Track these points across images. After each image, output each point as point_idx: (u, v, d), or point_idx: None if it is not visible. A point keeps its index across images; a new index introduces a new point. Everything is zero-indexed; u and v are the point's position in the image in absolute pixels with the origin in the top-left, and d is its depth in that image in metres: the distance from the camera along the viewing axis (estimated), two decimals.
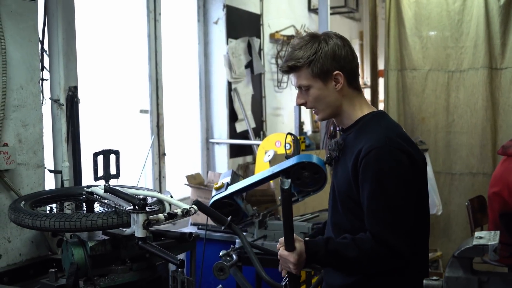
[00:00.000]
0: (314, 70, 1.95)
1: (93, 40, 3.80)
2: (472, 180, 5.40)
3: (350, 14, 8.01)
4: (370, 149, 1.86)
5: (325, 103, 1.98)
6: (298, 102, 2.02)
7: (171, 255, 2.09)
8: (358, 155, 1.89)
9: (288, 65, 1.98)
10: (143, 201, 2.11)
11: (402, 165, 1.87)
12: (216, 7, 5.00)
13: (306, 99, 2.00)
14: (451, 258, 1.79)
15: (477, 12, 5.26)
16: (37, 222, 2.21)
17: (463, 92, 5.39)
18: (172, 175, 4.59)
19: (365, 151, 1.86)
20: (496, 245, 1.72)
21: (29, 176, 2.79)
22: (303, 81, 1.97)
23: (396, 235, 1.84)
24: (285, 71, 2.01)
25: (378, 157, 1.85)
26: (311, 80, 1.96)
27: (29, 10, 2.78)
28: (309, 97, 1.99)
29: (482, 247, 1.73)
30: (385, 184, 1.84)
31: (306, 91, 1.98)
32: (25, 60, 2.77)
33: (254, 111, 5.38)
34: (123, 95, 4.12)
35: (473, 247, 1.74)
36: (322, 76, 1.96)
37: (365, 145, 1.88)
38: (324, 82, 1.96)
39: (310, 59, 1.95)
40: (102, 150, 2.39)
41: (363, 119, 2.00)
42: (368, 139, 1.90)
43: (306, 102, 2.01)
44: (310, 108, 2.05)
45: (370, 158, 1.85)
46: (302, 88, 1.99)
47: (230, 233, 3.69)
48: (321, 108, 2.00)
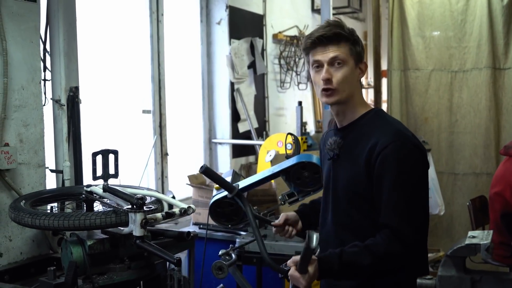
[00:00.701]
0: (355, 49, 1.92)
1: (96, 41, 3.83)
2: (476, 180, 5.38)
3: (354, 14, 8.01)
4: (388, 143, 1.85)
5: (349, 86, 1.92)
6: (326, 77, 1.89)
7: (168, 254, 2.11)
8: (372, 150, 1.87)
9: (334, 32, 1.88)
10: (141, 200, 2.14)
11: (418, 160, 1.91)
12: (218, 7, 5.02)
13: (332, 76, 1.90)
14: (444, 257, 1.80)
15: (480, 12, 5.25)
16: (37, 221, 2.24)
17: (466, 92, 5.38)
18: (174, 175, 4.61)
19: (382, 145, 1.85)
20: (489, 244, 1.73)
21: (30, 175, 2.82)
22: (341, 54, 1.89)
23: (412, 229, 1.86)
24: (325, 41, 1.88)
25: (398, 150, 1.85)
26: (348, 57, 1.90)
27: (30, 11, 2.82)
28: (338, 74, 1.90)
29: (474, 246, 1.73)
30: (406, 177, 1.86)
31: (338, 68, 1.90)
32: (26, 60, 2.80)
33: (257, 111, 5.39)
34: (126, 95, 4.15)
35: (465, 246, 1.75)
36: (357, 58, 1.93)
37: (380, 140, 1.87)
38: (355, 65, 1.93)
39: (355, 37, 1.93)
40: (101, 150, 2.41)
41: (366, 116, 1.98)
42: (381, 133, 1.89)
43: (331, 79, 1.90)
44: (332, 88, 1.91)
45: (389, 152, 1.84)
46: (337, 62, 1.89)
47: (231, 233, 3.71)
48: (342, 90, 1.91)
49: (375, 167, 1.86)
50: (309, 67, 2.00)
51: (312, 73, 1.97)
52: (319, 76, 1.92)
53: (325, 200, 2.10)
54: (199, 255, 3.50)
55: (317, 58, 1.92)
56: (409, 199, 1.86)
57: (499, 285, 1.75)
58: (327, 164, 2.07)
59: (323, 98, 1.95)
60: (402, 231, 1.85)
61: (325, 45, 1.89)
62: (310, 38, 1.92)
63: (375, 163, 1.86)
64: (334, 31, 1.89)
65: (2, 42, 2.65)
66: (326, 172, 2.08)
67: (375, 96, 5.93)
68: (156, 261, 2.43)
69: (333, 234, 2.03)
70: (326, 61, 1.90)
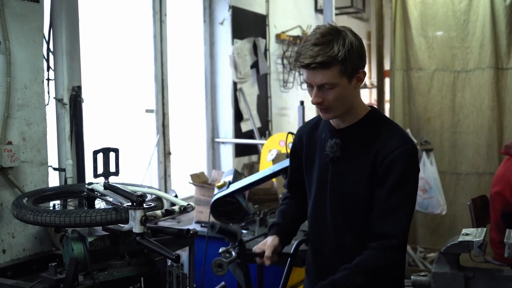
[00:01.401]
0: (346, 68, 1.83)
1: (99, 41, 3.87)
2: (478, 180, 5.39)
3: (358, 15, 8.03)
4: (397, 146, 1.86)
5: (342, 102, 1.88)
6: (316, 101, 1.85)
7: (167, 250, 2.14)
8: (380, 152, 1.87)
9: (318, 61, 1.79)
10: (140, 197, 2.16)
11: (418, 164, 1.96)
12: (221, 8, 5.05)
13: (324, 98, 1.86)
14: (438, 254, 1.83)
15: (483, 12, 5.25)
16: (38, 217, 2.27)
17: (469, 92, 5.39)
18: (177, 174, 4.65)
19: (391, 148, 1.86)
20: (481, 242, 1.76)
21: (33, 173, 2.86)
22: (330, 79, 1.82)
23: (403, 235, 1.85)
24: (312, 68, 1.81)
25: (406, 154, 1.86)
26: (338, 78, 1.83)
27: (33, 11, 2.85)
28: (328, 96, 1.85)
29: (467, 243, 1.76)
30: (407, 182, 1.86)
31: (328, 90, 1.84)
32: (29, 60, 2.84)
33: (260, 111, 5.42)
34: (129, 95, 4.19)
35: (458, 243, 1.78)
36: (351, 74, 1.86)
37: (389, 143, 1.88)
38: (349, 80, 1.86)
39: (345, 57, 1.81)
40: (102, 148, 2.44)
41: (366, 118, 1.96)
42: (387, 136, 1.90)
43: (323, 101, 1.86)
44: (324, 107, 1.89)
45: (398, 155, 1.85)
46: (326, 86, 1.84)
47: None
48: (335, 108, 1.88)
49: (380, 169, 1.86)
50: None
51: (307, 87, 1.94)
52: (311, 94, 1.89)
53: (318, 202, 2.04)
54: (200, 253, 3.54)
55: (307, 80, 1.88)
56: (406, 204, 1.87)
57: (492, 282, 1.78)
58: (321, 165, 2.02)
59: (320, 113, 1.94)
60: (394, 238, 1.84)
61: (314, 70, 1.82)
62: (298, 61, 1.85)
63: (381, 165, 1.86)
64: (320, 60, 1.79)
65: (5, 42, 2.69)
66: (319, 173, 2.02)
67: (378, 96, 5.94)
68: (156, 258, 2.46)
69: (332, 237, 2.00)
70: (316, 84, 1.85)
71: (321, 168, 2.01)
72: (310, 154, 2.08)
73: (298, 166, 2.16)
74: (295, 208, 2.24)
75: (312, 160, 2.07)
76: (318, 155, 2.04)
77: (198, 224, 3.99)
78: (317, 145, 2.05)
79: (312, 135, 2.09)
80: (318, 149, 2.05)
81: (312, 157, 2.07)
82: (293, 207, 2.24)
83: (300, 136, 2.16)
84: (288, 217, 2.20)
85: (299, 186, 2.21)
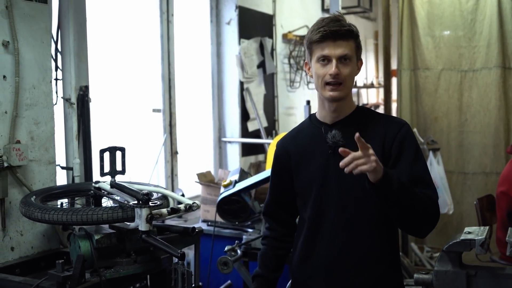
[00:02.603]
0: (359, 46, 1.98)
1: (107, 41, 3.89)
2: (485, 179, 5.37)
3: (365, 14, 8.02)
4: (400, 127, 1.99)
5: (352, 82, 2.00)
6: (335, 72, 1.90)
7: (172, 248, 2.17)
8: (386, 135, 1.97)
9: (346, 29, 1.92)
10: (146, 196, 2.19)
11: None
12: (228, 8, 5.07)
13: (341, 71, 1.93)
14: (441, 253, 1.84)
15: (490, 12, 5.24)
16: (46, 215, 2.31)
17: (476, 92, 5.37)
18: (184, 173, 4.67)
19: (396, 129, 1.97)
20: (483, 240, 1.77)
21: (41, 172, 2.90)
22: (350, 51, 1.93)
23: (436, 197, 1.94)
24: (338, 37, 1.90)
25: (410, 131, 2.00)
26: (354, 53, 1.95)
27: (41, 12, 2.89)
28: (346, 70, 1.93)
29: (469, 241, 1.77)
30: (420, 153, 1.99)
31: (345, 63, 1.93)
32: (38, 60, 2.88)
33: (266, 110, 5.44)
34: (136, 94, 4.21)
35: (460, 241, 1.79)
36: (359, 55, 2.00)
37: (390, 126, 1.99)
38: (357, 60, 1.99)
39: (358, 35, 1.99)
40: (108, 147, 2.47)
41: (358, 111, 2.06)
42: (386, 121, 2.03)
43: (340, 74, 1.93)
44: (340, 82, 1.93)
45: (404, 133, 1.97)
46: (345, 58, 1.92)
47: (238, 230, 3.76)
48: (347, 84, 1.97)
49: (392, 149, 1.95)
50: (311, 58, 1.99)
51: (317, 66, 1.96)
52: (325, 70, 1.93)
53: (318, 198, 2.02)
54: (206, 251, 3.57)
55: (325, 53, 1.92)
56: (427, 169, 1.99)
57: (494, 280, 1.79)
58: (319, 162, 2.02)
59: (328, 92, 1.95)
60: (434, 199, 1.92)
61: (335, 40, 1.91)
62: (321, 32, 1.91)
63: (391, 145, 1.95)
64: (347, 28, 1.93)
65: (14, 43, 2.73)
66: (320, 169, 2.01)
67: (385, 95, 5.93)
68: (162, 255, 2.49)
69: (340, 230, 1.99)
70: (335, 57, 1.91)
71: (319, 165, 2.02)
72: (301, 159, 2.08)
73: (283, 182, 2.15)
74: (277, 249, 2.23)
75: (305, 163, 2.07)
76: (314, 155, 2.04)
77: (205, 223, 4.02)
78: (308, 147, 2.06)
79: (297, 143, 2.11)
80: (311, 150, 2.05)
81: (304, 161, 2.07)
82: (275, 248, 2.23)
83: (282, 147, 2.17)
84: (270, 265, 2.21)
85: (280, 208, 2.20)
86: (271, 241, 2.24)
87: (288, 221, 2.23)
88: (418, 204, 1.84)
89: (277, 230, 2.24)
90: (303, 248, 2.08)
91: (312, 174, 2.03)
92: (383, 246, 2.00)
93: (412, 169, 1.92)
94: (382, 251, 2.00)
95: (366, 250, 1.98)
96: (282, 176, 2.15)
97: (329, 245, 2.02)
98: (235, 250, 3.05)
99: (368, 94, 8.58)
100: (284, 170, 2.14)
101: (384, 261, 2.00)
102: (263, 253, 2.24)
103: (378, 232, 1.98)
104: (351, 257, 1.98)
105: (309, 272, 2.06)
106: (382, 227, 1.98)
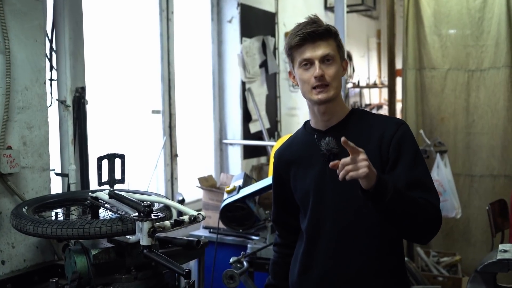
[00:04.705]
0: (340, 46, 1.93)
1: (104, 40, 3.74)
2: (493, 182, 5.26)
3: (368, 12, 7.88)
4: (396, 128, 1.89)
5: (338, 82, 1.92)
6: (319, 73, 1.85)
7: (177, 265, 2.00)
8: (382, 138, 1.88)
9: (323, 28, 1.87)
10: (148, 207, 2.02)
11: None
12: (230, 5, 4.91)
13: (325, 72, 1.87)
14: (474, 273, 1.68)
15: (498, 10, 5.12)
16: (39, 229, 2.13)
17: (484, 92, 5.26)
18: (184, 176, 4.52)
19: (392, 131, 1.88)
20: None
21: (34, 179, 2.72)
22: (331, 50, 1.88)
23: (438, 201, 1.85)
24: (315, 38, 1.86)
25: (408, 132, 1.91)
26: (336, 53, 1.91)
27: (34, 9, 2.71)
28: (330, 70, 1.88)
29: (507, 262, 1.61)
30: (419, 155, 1.90)
31: (328, 64, 1.88)
32: (30, 60, 2.70)
33: (269, 111, 5.28)
34: (135, 95, 4.06)
35: (497, 261, 1.63)
36: (342, 55, 1.95)
37: (387, 128, 1.90)
38: (341, 60, 1.94)
39: (337, 34, 1.94)
40: (107, 154, 2.30)
41: (353, 114, 1.99)
42: (382, 123, 1.93)
43: (325, 76, 1.87)
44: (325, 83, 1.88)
45: (402, 134, 1.88)
46: (328, 59, 1.88)
47: (242, 237, 3.61)
48: (334, 85, 1.89)
49: (389, 152, 1.86)
50: (293, 66, 1.94)
51: (299, 71, 1.91)
52: (309, 73, 1.88)
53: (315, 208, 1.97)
54: (209, 260, 3.40)
55: (306, 56, 1.87)
56: (428, 172, 1.90)
57: None
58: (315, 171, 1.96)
59: (316, 96, 1.89)
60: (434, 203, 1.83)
61: (314, 42, 1.86)
62: (299, 35, 1.87)
63: (388, 149, 1.87)
64: (324, 28, 1.88)
65: (4, 41, 2.55)
66: (316, 178, 1.96)
67: (389, 95, 5.80)
68: (164, 270, 2.32)
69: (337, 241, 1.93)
70: (317, 58, 1.87)
71: (316, 173, 1.95)
72: (298, 169, 2.03)
73: (285, 192, 2.11)
74: (288, 256, 2.18)
75: (302, 173, 2.01)
76: (310, 164, 1.98)
77: (207, 230, 3.85)
78: (303, 156, 2.01)
79: (293, 152, 2.06)
80: (307, 159, 2.00)
81: (301, 170, 2.02)
82: (285, 255, 2.19)
83: (279, 158, 2.13)
84: (281, 273, 2.19)
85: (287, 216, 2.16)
86: (281, 248, 2.24)
87: (297, 227, 2.15)
88: (417, 211, 1.75)
89: (286, 237, 2.22)
90: (302, 260, 2.04)
91: (309, 183, 1.99)
92: (383, 258, 1.92)
93: (411, 173, 1.83)
94: (382, 264, 1.91)
95: (365, 263, 1.90)
96: (283, 186, 2.13)
97: (325, 257, 1.96)
98: (241, 261, 2.88)
99: (371, 94, 8.43)
100: (284, 181, 2.11)
101: (385, 274, 1.92)
102: (274, 262, 2.26)
103: (378, 243, 1.90)
104: (349, 270, 1.92)
105: (306, 284, 2.03)
106: (382, 237, 1.90)
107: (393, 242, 1.94)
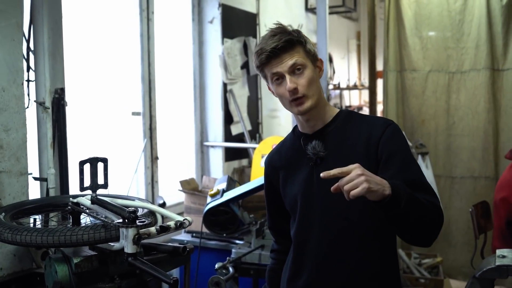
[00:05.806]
0: (309, 50, 1.85)
1: (83, 40, 3.64)
2: (474, 184, 5.29)
3: (348, 14, 7.88)
4: (384, 128, 1.84)
5: (315, 87, 1.84)
6: (292, 86, 1.78)
7: (164, 273, 1.92)
8: (369, 139, 1.83)
9: (284, 40, 1.78)
10: (133, 214, 1.94)
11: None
12: (211, 6, 4.84)
13: (297, 84, 1.80)
14: (471, 279, 1.64)
15: (478, 12, 5.15)
16: (17, 236, 2.03)
17: (464, 94, 5.29)
18: (165, 179, 4.43)
19: (379, 131, 1.83)
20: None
21: (12, 184, 2.62)
22: (298, 59, 1.80)
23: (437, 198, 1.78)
24: (279, 51, 1.78)
25: (397, 131, 1.85)
26: (306, 59, 1.83)
27: (12, 6, 2.61)
28: (302, 80, 1.81)
29: (506, 268, 1.58)
30: (410, 153, 1.86)
31: (299, 74, 1.81)
32: (7, 60, 2.60)
33: (250, 113, 5.22)
34: (115, 97, 3.96)
35: (496, 268, 1.59)
36: (313, 58, 1.87)
37: (375, 127, 1.85)
38: (313, 65, 1.86)
39: (304, 39, 1.85)
40: (89, 158, 2.21)
41: (339, 116, 1.93)
42: (369, 124, 1.88)
43: (297, 88, 1.80)
44: (300, 96, 1.81)
45: (390, 134, 1.83)
46: (296, 68, 1.80)
47: (226, 241, 3.54)
48: (311, 94, 1.82)
49: (378, 153, 1.81)
50: (268, 82, 1.89)
51: (274, 87, 1.86)
52: (283, 88, 1.82)
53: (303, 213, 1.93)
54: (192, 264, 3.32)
55: (275, 71, 1.82)
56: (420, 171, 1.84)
57: None
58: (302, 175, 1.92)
59: (295, 109, 1.84)
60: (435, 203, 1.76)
61: (279, 56, 1.80)
62: (264, 53, 1.81)
63: (376, 150, 1.82)
64: (285, 39, 1.79)
65: None
66: (304, 182, 1.91)
67: (370, 97, 5.80)
68: (149, 278, 2.24)
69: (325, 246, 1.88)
70: (286, 71, 1.81)
71: (303, 178, 1.91)
72: (287, 174, 1.99)
73: (277, 199, 2.07)
74: (283, 261, 2.12)
75: (290, 178, 1.98)
76: (298, 168, 1.94)
77: (189, 234, 3.77)
78: (292, 161, 1.97)
79: (282, 158, 2.03)
80: (295, 163, 1.96)
81: (290, 175, 1.98)
82: (281, 261, 2.14)
83: (269, 164, 2.09)
84: (279, 282, 2.12)
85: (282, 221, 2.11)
86: (278, 254, 2.19)
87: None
88: (425, 213, 1.70)
89: (282, 242, 2.17)
90: (292, 266, 1.99)
91: (297, 188, 1.95)
92: (374, 264, 1.86)
93: (406, 174, 1.77)
94: (373, 269, 1.86)
95: (354, 269, 1.85)
96: (274, 193, 2.09)
97: (313, 263, 1.91)
98: (227, 267, 2.82)
99: (351, 96, 8.43)
100: (275, 187, 2.07)
101: (376, 280, 1.86)
102: (271, 268, 2.22)
103: (368, 248, 1.85)
104: (337, 276, 1.87)
105: None
106: (372, 242, 1.85)
107: (384, 246, 1.88)
